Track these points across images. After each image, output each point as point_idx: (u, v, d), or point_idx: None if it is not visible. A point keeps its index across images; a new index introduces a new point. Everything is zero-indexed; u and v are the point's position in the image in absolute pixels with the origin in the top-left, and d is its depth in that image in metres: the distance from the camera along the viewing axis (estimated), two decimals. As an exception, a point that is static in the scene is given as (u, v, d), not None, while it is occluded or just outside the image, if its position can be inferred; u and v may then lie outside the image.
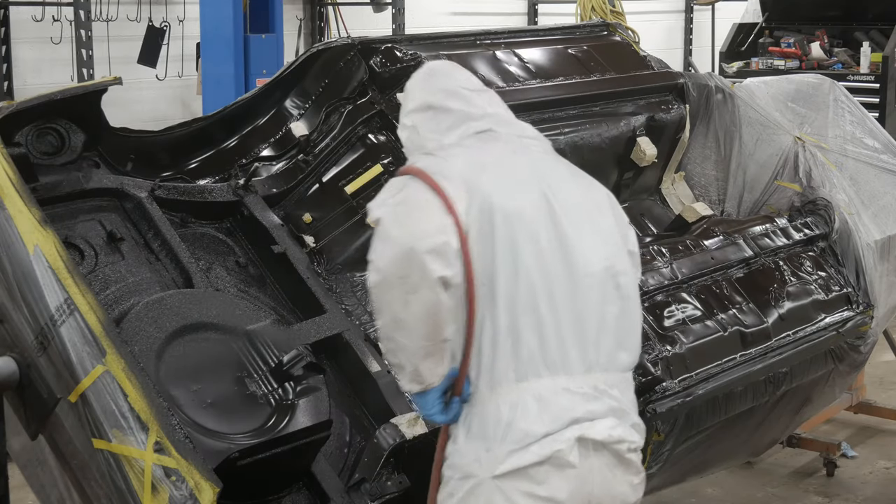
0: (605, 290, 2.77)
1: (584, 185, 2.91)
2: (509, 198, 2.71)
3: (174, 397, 3.02)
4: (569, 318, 2.71)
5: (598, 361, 2.73)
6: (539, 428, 2.63)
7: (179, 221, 3.62)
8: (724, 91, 4.84)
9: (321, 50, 4.12)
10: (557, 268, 2.72)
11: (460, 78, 2.95)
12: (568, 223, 2.76)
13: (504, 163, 2.79)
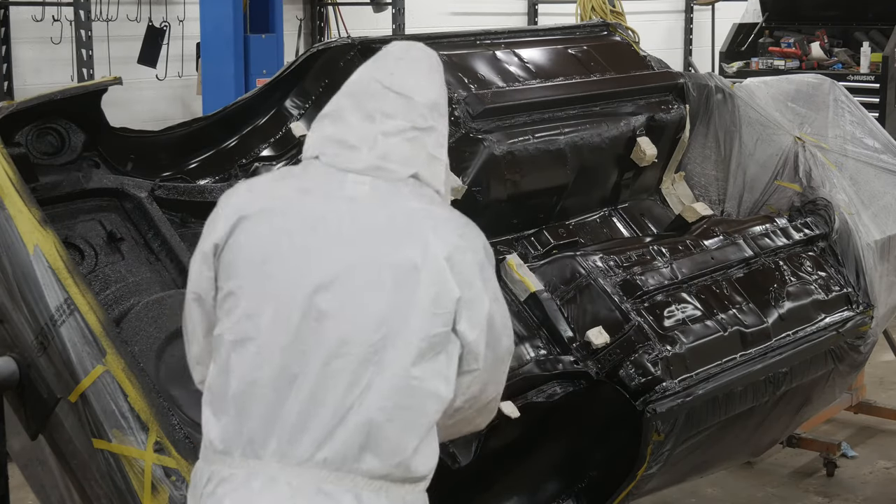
0: (361, 378, 2.26)
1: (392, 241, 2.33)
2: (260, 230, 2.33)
3: (174, 397, 3.02)
4: (298, 396, 2.26)
5: (325, 458, 2.25)
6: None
7: (179, 221, 3.62)
8: (724, 91, 4.84)
9: (321, 50, 4.12)
10: (299, 334, 2.27)
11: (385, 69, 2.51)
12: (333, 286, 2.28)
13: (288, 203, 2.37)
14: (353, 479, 2.25)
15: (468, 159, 3.99)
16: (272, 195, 2.39)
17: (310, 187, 2.38)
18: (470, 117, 4.04)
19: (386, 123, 2.40)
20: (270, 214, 2.35)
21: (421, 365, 2.28)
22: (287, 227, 2.33)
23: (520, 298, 3.87)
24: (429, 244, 2.32)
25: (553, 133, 4.24)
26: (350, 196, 2.36)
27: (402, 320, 2.28)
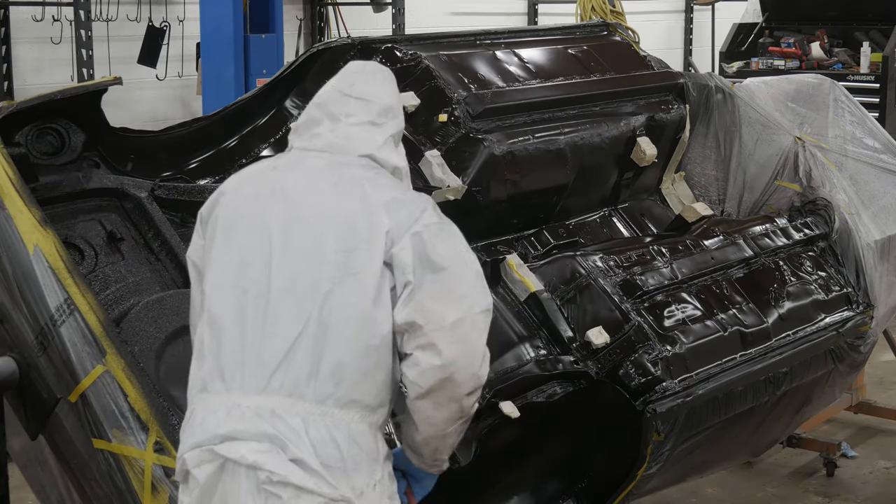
0: (304, 309, 2.58)
1: (340, 195, 2.69)
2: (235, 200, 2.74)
3: (174, 397, 3.01)
4: (256, 333, 2.58)
5: (282, 384, 2.54)
6: (190, 439, 2.57)
7: (179, 221, 3.62)
8: (724, 91, 4.84)
9: (321, 50, 4.12)
10: (255, 281, 2.62)
11: (349, 80, 2.86)
12: (282, 234, 2.65)
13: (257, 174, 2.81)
14: (302, 404, 2.53)
15: (468, 159, 3.99)
16: (249, 173, 2.84)
17: (278, 165, 2.82)
18: (470, 117, 4.04)
19: (349, 119, 2.80)
20: (244, 187, 2.77)
21: (355, 295, 2.59)
22: (254, 193, 2.73)
23: (520, 298, 3.87)
24: (367, 195, 2.69)
25: (553, 133, 4.24)
26: (308, 167, 2.76)
27: (341, 258, 2.61)
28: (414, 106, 4.04)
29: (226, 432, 2.52)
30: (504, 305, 3.84)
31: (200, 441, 2.54)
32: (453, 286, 2.63)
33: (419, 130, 4.03)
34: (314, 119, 2.81)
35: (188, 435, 2.58)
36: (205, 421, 2.56)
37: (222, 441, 2.52)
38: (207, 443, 2.53)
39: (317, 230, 2.64)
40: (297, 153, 2.80)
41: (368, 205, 2.67)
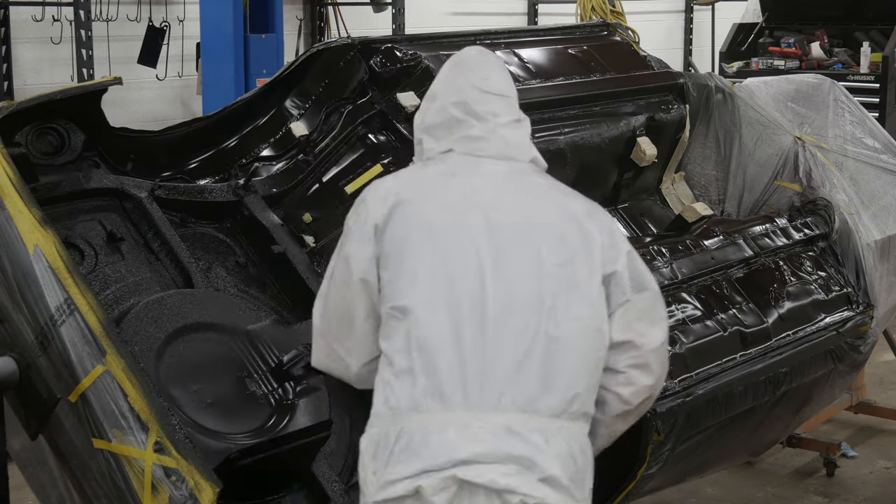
0: (530, 323, 2.54)
1: (542, 204, 2.70)
2: (423, 209, 2.64)
3: (174, 397, 3.02)
4: (477, 349, 2.51)
5: (513, 402, 2.49)
6: (415, 463, 2.48)
7: (179, 221, 3.62)
8: (724, 91, 4.84)
9: (321, 50, 4.12)
10: (469, 293, 2.55)
11: (478, 73, 2.78)
12: (501, 249, 2.59)
13: (428, 184, 2.71)
14: (537, 419, 2.50)
15: (468, 159, 3.99)
16: (421, 180, 2.73)
17: (454, 171, 2.71)
18: (470, 117, 4.04)
19: (498, 119, 2.75)
20: (427, 194, 2.67)
21: (582, 308, 2.58)
22: (443, 202, 2.64)
23: (520, 298, 3.86)
24: (561, 205, 2.72)
25: (553, 133, 4.24)
26: (490, 173, 2.70)
27: (558, 270, 2.58)
28: (414, 106, 4.04)
29: (466, 456, 2.46)
30: (504, 305, 3.84)
31: (433, 465, 2.47)
32: (656, 307, 2.71)
33: (419, 130, 4.03)
34: (457, 119, 2.73)
35: (409, 456, 2.49)
36: (430, 443, 2.48)
37: (463, 465, 2.46)
38: (443, 466, 2.46)
39: (527, 241, 2.60)
40: (468, 158, 2.72)
41: (568, 214, 2.69)
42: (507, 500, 2.47)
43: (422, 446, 2.49)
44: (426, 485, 2.46)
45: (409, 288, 2.57)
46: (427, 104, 2.82)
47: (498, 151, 2.73)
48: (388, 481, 2.51)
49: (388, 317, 2.59)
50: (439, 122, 2.76)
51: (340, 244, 2.73)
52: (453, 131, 2.73)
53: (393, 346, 2.57)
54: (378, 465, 2.54)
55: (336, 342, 2.75)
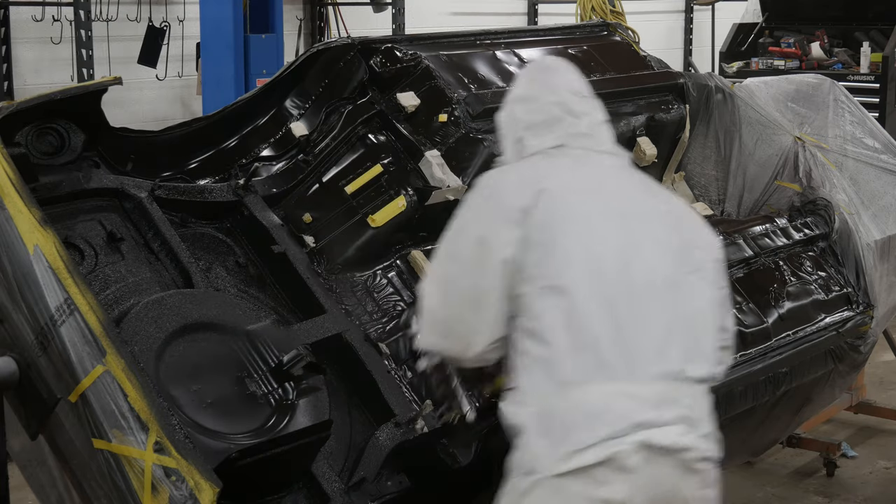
0: (668, 302, 2.77)
1: (654, 195, 2.99)
2: (566, 197, 2.82)
3: (174, 397, 3.01)
4: (629, 324, 2.71)
5: (666, 372, 2.72)
6: (601, 430, 2.63)
7: (179, 221, 3.62)
8: (724, 91, 4.84)
9: (321, 50, 4.12)
10: (618, 273, 2.75)
11: (565, 77, 3.08)
12: (634, 233, 2.82)
13: (567, 174, 2.90)
14: (687, 387, 2.74)
15: (468, 159, 3.99)
16: (556, 169, 2.90)
17: (581, 163, 2.94)
18: (470, 117, 4.04)
19: (592, 118, 3.02)
20: (566, 183, 2.85)
21: (706, 289, 2.86)
22: (581, 188, 2.86)
23: (520, 298, 3.87)
24: (671, 196, 3.06)
25: (553, 133, 4.24)
26: (608, 166, 2.97)
27: (684, 255, 2.84)
28: (414, 106, 4.04)
29: (645, 419, 2.65)
30: (504, 305, 3.84)
31: (617, 431, 2.63)
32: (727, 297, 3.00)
33: (419, 130, 4.03)
34: (558, 117, 2.97)
35: (592, 424, 2.63)
36: (610, 409, 2.64)
37: (645, 428, 2.64)
38: (627, 432, 2.63)
39: (654, 226, 2.85)
40: (584, 152, 2.95)
41: (677, 204, 3.00)
42: (683, 458, 2.69)
43: (603, 413, 2.64)
44: (620, 451, 2.62)
45: (564, 268, 2.72)
46: (520, 105, 3.03)
47: (608, 147, 3.01)
48: (573, 451, 2.63)
49: (538, 296, 2.72)
50: (541, 121, 2.97)
51: (460, 229, 2.87)
52: (554, 129, 2.96)
53: (546, 324, 2.71)
54: (554, 438, 2.65)
55: (460, 324, 2.83)
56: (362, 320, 3.65)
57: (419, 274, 3.85)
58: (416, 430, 3.30)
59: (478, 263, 2.78)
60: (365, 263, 3.82)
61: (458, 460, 3.38)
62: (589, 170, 2.94)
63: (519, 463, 2.72)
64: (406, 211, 3.85)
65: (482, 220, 2.82)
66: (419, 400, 3.46)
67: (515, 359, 2.77)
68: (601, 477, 2.63)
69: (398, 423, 3.32)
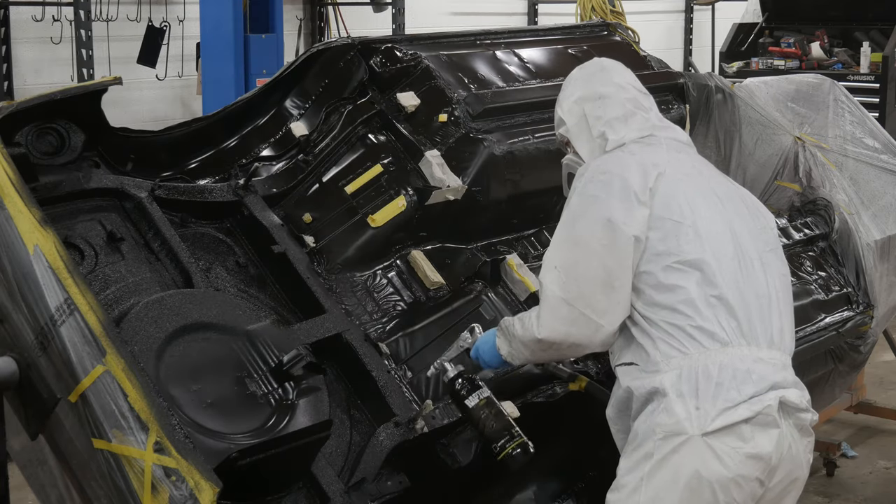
0: (763, 274, 3.01)
1: (727, 179, 3.27)
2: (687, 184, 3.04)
3: (174, 397, 3.01)
4: (751, 295, 2.95)
5: (774, 339, 2.95)
6: (747, 389, 2.83)
7: (179, 221, 3.62)
8: (724, 91, 4.84)
9: (321, 50, 4.12)
10: (733, 249, 2.99)
11: (627, 75, 3.31)
12: (729, 212, 3.06)
13: (671, 160, 3.10)
14: (785, 357, 2.98)
15: (468, 159, 3.99)
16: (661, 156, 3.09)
17: (673, 151, 3.14)
18: (470, 117, 4.04)
19: (656, 110, 3.31)
20: (675, 167, 3.06)
21: (783, 266, 3.13)
22: (688, 173, 3.08)
23: (520, 298, 3.87)
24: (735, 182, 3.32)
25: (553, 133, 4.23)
26: (692, 153, 3.25)
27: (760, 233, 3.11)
28: (414, 106, 4.04)
29: (779, 380, 2.88)
30: (504, 305, 3.84)
31: (761, 389, 2.85)
32: None
33: (419, 130, 4.03)
34: (631, 112, 3.20)
35: (739, 384, 2.83)
36: (753, 370, 2.86)
37: (779, 388, 2.87)
38: (767, 390, 2.85)
39: (741, 207, 3.11)
40: (671, 142, 3.18)
41: (742, 189, 3.27)
42: (801, 419, 2.92)
43: (748, 374, 2.85)
44: (764, 407, 2.82)
45: (695, 244, 2.94)
46: (591, 103, 3.23)
47: (684, 137, 3.27)
48: (725, 408, 2.82)
49: (669, 271, 2.92)
50: (619, 115, 3.18)
51: (580, 214, 2.99)
52: (631, 122, 3.17)
53: (680, 297, 2.90)
54: (702, 398, 2.82)
55: (589, 308, 2.94)
56: (362, 320, 3.65)
57: (419, 274, 3.85)
58: (416, 430, 3.30)
59: (607, 244, 2.92)
60: (365, 263, 3.82)
61: (458, 460, 3.38)
62: (683, 156, 3.16)
63: (658, 427, 2.85)
64: (406, 211, 3.85)
65: (607, 203, 2.95)
66: (419, 400, 3.46)
67: (636, 333, 2.95)
68: (747, 433, 2.81)
69: (398, 423, 3.32)
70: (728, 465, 2.79)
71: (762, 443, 2.82)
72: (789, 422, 2.89)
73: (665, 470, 2.82)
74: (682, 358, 2.87)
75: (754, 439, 2.81)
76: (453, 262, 3.94)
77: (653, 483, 2.84)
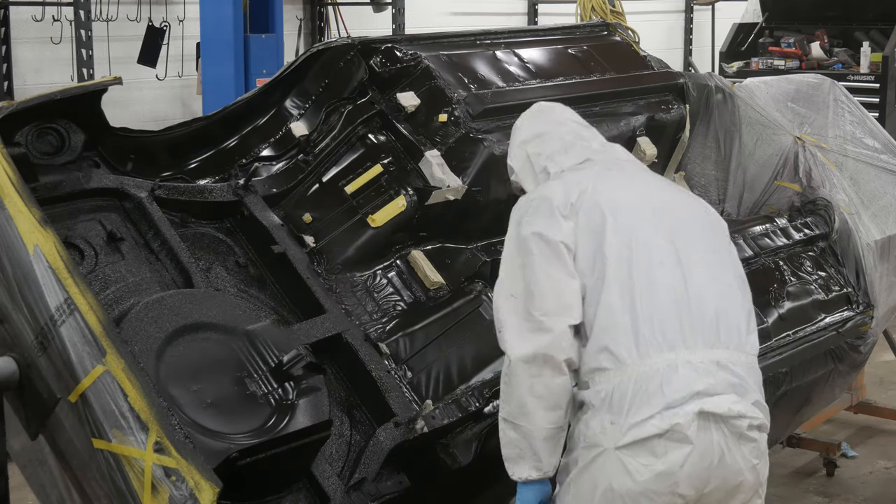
0: (708, 276, 2.96)
1: (673, 188, 3.28)
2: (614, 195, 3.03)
3: (174, 397, 3.01)
4: (683, 296, 2.88)
5: (718, 339, 2.87)
6: (659, 400, 2.77)
7: (179, 221, 3.62)
8: (724, 91, 4.84)
9: (321, 50, 4.12)
10: (666, 252, 2.94)
11: (566, 112, 3.39)
12: (665, 213, 3.04)
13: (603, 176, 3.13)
14: (738, 354, 2.89)
15: (468, 159, 3.99)
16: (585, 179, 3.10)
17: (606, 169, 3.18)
18: (470, 117, 4.04)
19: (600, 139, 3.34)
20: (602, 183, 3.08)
21: (737, 266, 3.13)
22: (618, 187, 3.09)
23: (520, 298, 3.87)
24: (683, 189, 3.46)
25: (553, 133, 4.24)
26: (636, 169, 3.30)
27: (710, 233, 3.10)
28: (414, 106, 4.04)
29: (702, 388, 2.78)
30: (504, 305, 3.84)
31: (675, 401, 2.76)
32: None
33: (419, 130, 4.04)
34: (571, 142, 3.25)
35: (651, 397, 2.77)
36: (670, 381, 2.78)
37: (700, 397, 2.77)
38: (684, 401, 2.76)
39: (685, 212, 3.10)
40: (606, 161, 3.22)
41: (690, 195, 3.35)
42: (736, 426, 2.80)
43: (662, 386, 2.78)
44: (677, 422, 2.74)
45: (613, 255, 2.91)
46: (532, 144, 3.27)
47: (625, 156, 3.33)
48: (634, 423, 2.77)
49: (593, 286, 2.90)
50: (558, 148, 3.23)
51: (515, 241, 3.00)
52: (571, 151, 3.21)
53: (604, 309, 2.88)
54: (616, 413, 2.78)
55: (544, 313, 2.89)
56: (362, 320, 3.65)
57: (419, 274, 3.85)
58: (416, 430, 3.30)
59: (542, 254, 2.93)
60: (365, 263, 3.82)
61: (458, 460, 3.38)
62: (616, 173, 3.18)
63: (582, 437, 2.85)
64: (406, 211, 3.86)
65: (536, 222, 2.98)
66: (419, 400, 3.46)
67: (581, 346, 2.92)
68: (660, 449, 2.75)
69: (398, 423, 3.32)
70: (637, 480, 2.75)
71: (675, 459, 2.75)
72: (721, 430, 2.78)
73: (585, 478, 2.83)
74: (604, 371, 2.84)
75: (667, 455, 2.75)
76: (453, 262, 3.94)
77: (576, 487, 2.86)
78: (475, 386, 3.56)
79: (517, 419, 2.88)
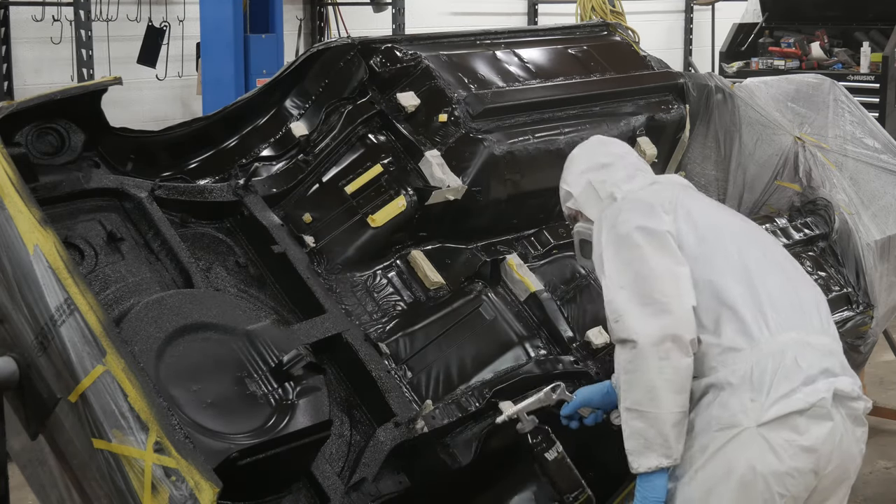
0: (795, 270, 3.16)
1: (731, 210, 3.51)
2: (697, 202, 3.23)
3: (174, 397, 3.01)
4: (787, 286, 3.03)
5: (821, 325, 3.00)
6: (798, 375, 2.85)
7: (179, 221, 3.62)
8: (724, 91, 4.84)
9: (321, 50, 4.12)
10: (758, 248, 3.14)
11: (625, 146, 3.56)
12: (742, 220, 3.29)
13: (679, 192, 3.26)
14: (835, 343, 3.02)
15: (468, 159, 3.99)
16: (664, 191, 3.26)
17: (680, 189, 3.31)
18: (470, 117, 4.04)
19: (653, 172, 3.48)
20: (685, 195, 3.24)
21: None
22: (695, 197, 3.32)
23: (520, 298, 3.87)
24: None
25: (553, 133, 4.24)
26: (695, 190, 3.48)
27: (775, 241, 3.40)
28: (414, 106, 4.04)
29: (829, 366, 2.90)
30: (504, 305, 3.84)
31: (810, 376, 2.86)
32: None
33: (419, 130, 4.04)
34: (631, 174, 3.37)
35: (791, 373, 2.85)
36: (804, 357, 2.89)
37: (828, 376, 2.88)
38: (817, 377, 2.87)
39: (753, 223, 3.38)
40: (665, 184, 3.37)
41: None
42: (853, 408, 2.92)
43: (797, 360, 2.88)
44: (819, 399, 2.83)
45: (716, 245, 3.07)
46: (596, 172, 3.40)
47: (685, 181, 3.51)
48: (778, 397, 2.84)
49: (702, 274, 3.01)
50: (624, 176, 3.35)
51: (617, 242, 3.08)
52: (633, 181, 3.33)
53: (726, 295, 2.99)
54: (757, 391, 2.85)
55: (663, 295, 2.95)
56: (362, 320, 3.65)
57: (419, 274, 3.85)
58: (416, 430, 3.30)
59: (651, 242, 3.03)
60: (365, 263, 3.83)
61: (458, 460, 3.38)
62: (690, 191, 3.36)
63: (715, 420, 2.88)
64: (406, 211, 3.86)
65: (636, 219, 3.08)
66: (419, 400, 3.46)
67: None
68: (802, 426, 2.82)
69: (398, 423, 3.32)
70: (782, 458, 2.81)
71: (816, 435, 2.83)
72: (842, 412, 2.88)
73: (718, 463, 2.85)
74: (736, 352, 2.91)
75: (809, 431, 2.82)
76: (453, 262, 3.94)
77: (704, 475, 2.87)
78: (475, 386, 3.56)
79: (644, 406, 2.90)
